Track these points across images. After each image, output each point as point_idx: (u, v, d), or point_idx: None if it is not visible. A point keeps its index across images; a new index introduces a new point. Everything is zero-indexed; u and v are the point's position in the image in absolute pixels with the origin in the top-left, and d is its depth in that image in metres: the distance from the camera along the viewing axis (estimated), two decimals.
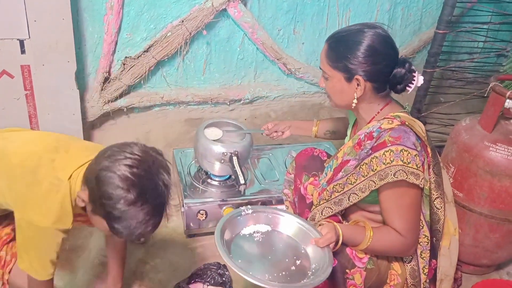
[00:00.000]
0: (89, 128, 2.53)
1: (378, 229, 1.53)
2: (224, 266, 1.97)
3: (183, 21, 2.46)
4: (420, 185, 1.46)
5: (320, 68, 1.61)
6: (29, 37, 1.99)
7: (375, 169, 1.47)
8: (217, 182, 2.29)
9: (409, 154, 1.44)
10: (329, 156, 1.92)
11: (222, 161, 2.14)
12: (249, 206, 1.58)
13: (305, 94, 3.05)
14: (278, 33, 2.79)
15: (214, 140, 2.19)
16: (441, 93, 3.15)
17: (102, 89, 2.47)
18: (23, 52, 2.02)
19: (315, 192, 1.74)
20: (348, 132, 1.80)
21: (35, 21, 1.96)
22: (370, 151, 1.49)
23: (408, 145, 1.45)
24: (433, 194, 1.58)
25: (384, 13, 3.01)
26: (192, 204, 2.14)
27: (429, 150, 1.55)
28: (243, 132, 2.23)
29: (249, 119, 2.92)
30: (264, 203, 2.23)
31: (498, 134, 1.92)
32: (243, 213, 1.55)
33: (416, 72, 1.55)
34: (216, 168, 2.19)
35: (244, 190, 2.19)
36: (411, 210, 1.50)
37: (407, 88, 1.55)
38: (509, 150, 1.86)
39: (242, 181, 2.08)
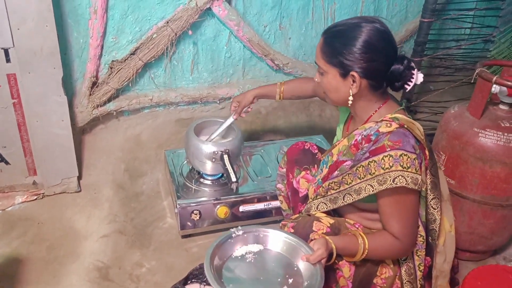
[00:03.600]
0: (79, 134, 2.52)
1: (373, 237, 1.52)
2: None
3: (168, 22, 2.45)
4: (419, 189, 1.45)
5: (316, 63, 1.57)
6: (13, 45, 1.97)
7: (373, 173, 1.45)
8: (209, 181, 2.29)
9: (408, 158, 1.41)
10: (319, 149, 1.92)
11: (213, 160, 2.14)
12: (239, 228, 1.55)
13: None
14: (264, 29, 2.78)
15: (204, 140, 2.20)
16: (430, 81, 3.15)
17: (90, 94, 2.46)
18: (8, 60, 2.00)
19: (311, 188, 1.74)
20: (341, 126, 1.78)
21: (18, 29, 1.95)
22: (368, 154, 1.47)
23: (407, 149, 1.42)
24: (430, 195, 1.57)
25: (369, 4, 3.01)
26: (185, 204, 2.14)
27: (427, 152, 1.53)
28: (222, 129, 2.22)
29: (239, 117, 2.91)
30: (258, 199, 2.23)
31: (487, 120, 1.92)
32: (233, 235, 1.53)
33: (416, 69, 1.52)
34: (208, 167, 2.19)
35: (237, 188, 2.19)
36: (409, 213, 1.50)
37: (406, 86, 1.52)
38: (498, 136, 1.86)
39: (234, 179, 2.08)
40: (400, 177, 1.41)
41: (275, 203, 2.23)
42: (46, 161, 2.26)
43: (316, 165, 1.85)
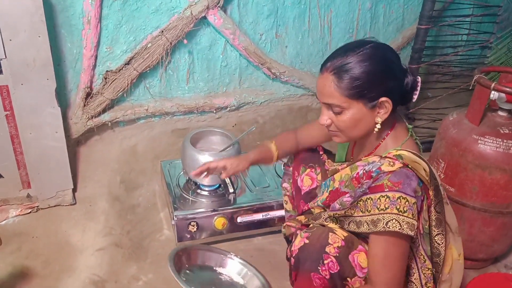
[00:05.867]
0: (74, 145, 2.50)
1: None
2: None
3: (162, 31, 2.43)
4: (413, 236, 1.38)
5: (325, 103, 1.45)
6: (6, 56, 1.95)
7: (369, 211, 1.40)
8: (207, 192, 2.26)
9: (406, 202, 1.34)
10: (325, 150, 1.90)
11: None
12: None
13: (292, 97, 3.03)
14: (261, 38, 2.77)
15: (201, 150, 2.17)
16: (428, 88, 3.14)
17: (84, 105, 2.44)
18: (0, 72, 1.99)
19: (316, 208, 1.72)
20: (344, 150, 1.73)
21: (10, 40, 1.93)
22: (367, 190, 1.41)
23: (407, 192, 1.35)
24: (434, 231, 1.50)
25: (366, 12, 3.00)
26: (182, 215, 2.11)
27: (430, 192, 1.45)
28: (234, 143, 2.19)
29: (237, 126, 2.90)
30: (256, 210, 2.20)
31: (486, 127, 1.91)
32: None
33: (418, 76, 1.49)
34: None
35: (234, 198, 2.17)
36: (398, 260, 1.43)
37: (414, 95, 1.48)
38: (497, 142, 1.85)
39: (231, 190, 2.07)
40: (394, 221, 1.35)
41: (273, 213, 2.21)
42: (40, 174, 2.24)
43: (320, 166, 1.83)
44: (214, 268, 1.92)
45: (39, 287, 1.97)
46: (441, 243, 1.51)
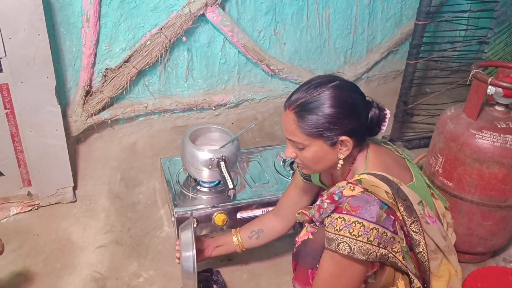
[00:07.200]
0: (73, 143, 2.51)
1: None
2: (218, 272, 1.95)
3: (161, 29, 2.44)
4: (369, 260, 1.37)
5: (289, 139, 1.48)
6: (5, 55, 1.96)
7: (327, 227, 1.40)
8: (206, 189, 2.27)
9: (362, 227, 1.34)
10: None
11: (210, 167, 2.12)
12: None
13: None
14: (259, 35, 2.77)
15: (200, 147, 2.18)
16: (426, 84, 3.16)
17: (84, 103, 2.44)
18: (0, 70, 1.99)
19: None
20: (315, 178, 1.75)
21: (10, 38, 1.94)
22: (329, 212, 1.42)
23: (365, 217, 1.34)
24: (415, 249, 1.49)
25: (364, 8, 3.01)
26: (182, 212, 2.11)
27: (398, 214, 1.42)
28: (233, 140, 2.20)
29: (236, 123, 2.90)
30: (256, 206, 2.20)
31: (483, 121, 1.92)
32: None
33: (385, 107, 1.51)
34: (205, 174, 2.17)
35: (234, 194, 2.17)
36: (344, 283, 1.43)
37: (382, 127, 1.51)
38: (495, 137, 1.85)
39: (230, 186, 2.06)
40: (344, 243, 1.35)
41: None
42: (41, 172, 2.24)
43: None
44: None
45: (41, 284, 1.98)
46: (424, 261, 1.50)
